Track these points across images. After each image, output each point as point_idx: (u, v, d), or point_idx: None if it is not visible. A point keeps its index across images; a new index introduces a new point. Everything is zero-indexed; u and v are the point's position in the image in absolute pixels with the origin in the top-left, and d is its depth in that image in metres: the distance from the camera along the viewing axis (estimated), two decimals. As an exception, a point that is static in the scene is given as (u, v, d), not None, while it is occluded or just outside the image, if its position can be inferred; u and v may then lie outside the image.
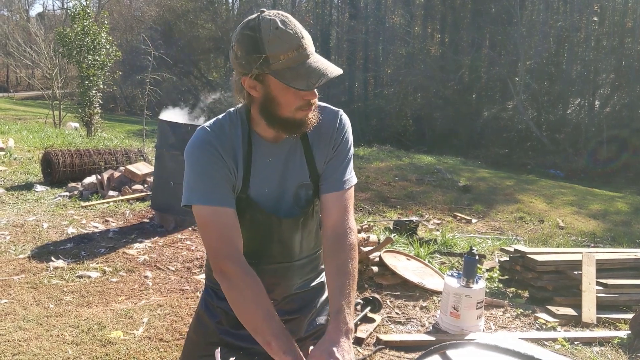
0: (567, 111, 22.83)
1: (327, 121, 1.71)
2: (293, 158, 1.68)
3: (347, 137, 1.76)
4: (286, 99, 1.51)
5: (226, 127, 1.63)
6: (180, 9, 32.62)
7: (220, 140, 1.60)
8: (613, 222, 9.80)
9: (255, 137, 1.64)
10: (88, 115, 14.33)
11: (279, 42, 1.44)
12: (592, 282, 4.78)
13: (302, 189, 1.70)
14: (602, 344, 4.19)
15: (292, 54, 1.45)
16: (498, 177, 13.82)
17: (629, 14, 22.93)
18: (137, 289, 4.79)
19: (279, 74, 1.46)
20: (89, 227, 6.38)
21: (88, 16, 14.18)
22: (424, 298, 4.93)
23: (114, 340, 3.84)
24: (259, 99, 1.55)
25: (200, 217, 1.58)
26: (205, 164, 1.57)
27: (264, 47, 1.44)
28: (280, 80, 1.46)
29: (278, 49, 1.44)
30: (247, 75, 1.50)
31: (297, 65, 1.46)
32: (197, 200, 1.57)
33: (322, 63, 1.49)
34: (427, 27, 29.72)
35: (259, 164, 1.64)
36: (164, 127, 6.40)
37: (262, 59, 1.45)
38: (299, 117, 1.55)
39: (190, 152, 1.60)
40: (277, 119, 1.56)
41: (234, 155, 1.61)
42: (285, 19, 1.48)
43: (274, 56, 1.44)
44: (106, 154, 8.52)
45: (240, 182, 1.62)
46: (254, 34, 1.45)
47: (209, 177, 1.57)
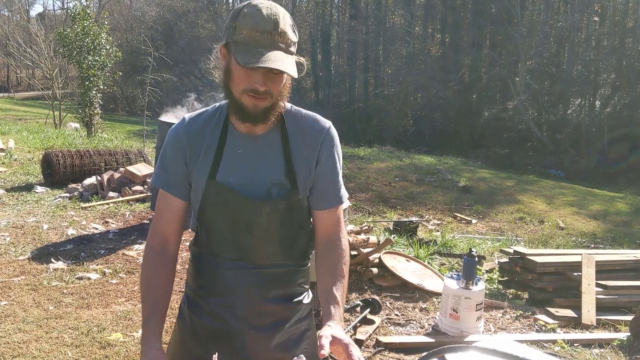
0: (567, 111, 22.81)
1: (314, 129, 1.73)
2: (268, 155, 1.68)
3: (338, 151, 1.77)
4: (237, 75, 1.54)
5: (204, 116, 1.72)
6: (181, 9, 32.63)
7: (189, 129, 1.69)
8: (613, 223, 9.80)
9: (230, 127, 1.68)
10: (88, 115, 14.33)
11: (250, 18, 1.49)
12: (591, 284, 4.78)
13: (275, 187, 1.68)
14: (601, 345, 4.19)
15: (254, 34, 1.49)
16: (498, 177, 13.81)
17: (629, 14, 22.92)
18: (137, 291, 4.78)
19: (235, 45, 1.51)
20: (89, 229, 6.38)
21: (88, 17, 14.17)
22: (424, 299, 4.93)
23: (114, 342, 3.84)
24: (223, 70, 1.59)
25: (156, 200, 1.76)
26: (167, 150, 1.71)
27: (238, 18, 1.51)
28: (231, 49, 1.52)
29: (245, 24, 1.49)
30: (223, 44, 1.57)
31: (252, 45, 1.49)
32: (153, 181, 1.74)
33: (276, 55, 1.49)
34: (428, 27, 29.71)
35: (229, 153, 1.66)
36: (164, 128, 6.39)
37: (231, 27, 1.52)
38: (245, 102, 1.56)
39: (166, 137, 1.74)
40: (230, 96, 1.59)
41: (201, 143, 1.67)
42: (274, 8, 1.53)
43: (240, 28, 1.50)
44: (106, 155, 8.52)
45: (207, 169, 1.65)
46: (240, 8, 1.54)
47: (165, 163, 1.70)
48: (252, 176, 1.66)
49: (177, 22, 32.06)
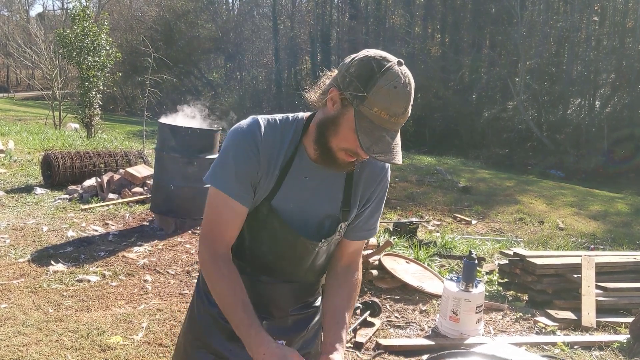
0: (567, 111, 22.80)
1: (375, 168, 1.73)
2: (330, 186, 1.67)
3: (385, 191, 1.80)
4: (345, 135, 1.49)
5: (279, 127, 1.64)
6: (181, 9, 32.61)
7: (266, 138, 1.61)
8: (613, 223, 9.81)
9: (301, 150, 1.64)
10: (88, 116, 14.31)
11: (385, 98, 1.42)
12: (591, 286, 4.78)
13: (328, 219, 1.69)
14: (601, 348, 4.19)
15: (384, 116, 1.43)
16: (498, 177, 13.82)
17: (629, 14, 22.91)
18: (137, 293, 4.79)
19: (361, 117, 1.44)
20: (88, 230, 6.38)
21: (88, 17, 14.16)
22: (424, 302, 4.93)
23: (114, 345, 3.84)
24: (327, 115, 1.54)
25: (212, 198, 1.63)
26: (239, 153, 1.60)
27: (371, 89, 1.43)
28: (357, 121, 1.45)
29: (379, 102, 1.42)
30: (339, 91, 1.49)
31: (377, 126, 1.44)
32: (217, 184, 1.61)
33: (395, 144, 1.48)
34: (428, 28, 29.71)
35: (294, 178, 1.63)
36: (164, 129, 6.40)
37: (361, 94, 1.44)
38: (340, 157, 1.56)
39: (233, 135, 1.63)
40: (324, 143, 1.55)
41: (273, 158, 1.61)
42: (407, 86, 1.46)
43: (371, 103, 1.43)
44: (106, 156, 8.52)
45: (268, 188, 1.62)
46: (376, 72, 1.44)
47: (236, 168, 1.59)
48: (311, 205, 1.66)
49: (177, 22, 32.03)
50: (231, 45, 31.33)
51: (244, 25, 32.33)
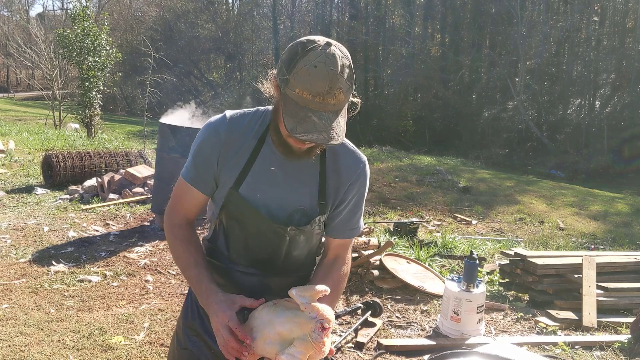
0: (567, 111, 22.81)
1: (349, 164, 1.74)
2: (301, 179, 1.69)
3: (366, 188, 1.81)
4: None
5: (245, 120, 1.69)
6: (181, 9, 32.62)
7: (230, 130, 1.67)
8: (614, 223, 9.80)
9: (268, 141, 1.67)
10: (88, 116, 14.30)
11: (305, 78, 1.41)
12: (592, 286, 4.79)
13: (297, 212, 1.70)
14: (602, 348, 4.20)
15: (306, 96, 1.42)
16: (498, 178, 13.82)
17: (629, 14, 22.92)
18: (138, 294, 4.79)
19: (286, 100, 1.46)
20: (89, 231, 6.38)
21: (88, 17, 14.16)
22: (425, 302, 4.94)
23: (115, 345, 3.84)
24: (274, 104, 1.59)
25: (177, 183, 1.78)
26: (201, 146, 1.69)
27: (291, 71, 1.44)
28: (282, 104, 1.47)
29: (299, 82, 1.42)
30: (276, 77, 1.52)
31: (302, 107, 1.43)
32: (182, 171, 1.75)
33: (325, 124, 1.44)
34: (428, 28, 29.70)
35: (261, 168, 1.66)
36: (165, 130, 6.40)
37: (284, 78, 1.46)
38: (293, 144, 1.57)
39: (201, 130, 1.73)
40: (277, 130, 1.59)
41: (236, 147, 1.66)
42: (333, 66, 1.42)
43: (293, 84, 1.43)
44: (107, 157, 8.52)
45: (234, 176, 1.66)
46: (299, 53, 1.44)
47: (196, 159, 1.70)
48: (279, 197, 1.68)
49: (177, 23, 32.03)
50: (231, 46, 31.32)
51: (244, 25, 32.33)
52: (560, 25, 22.09)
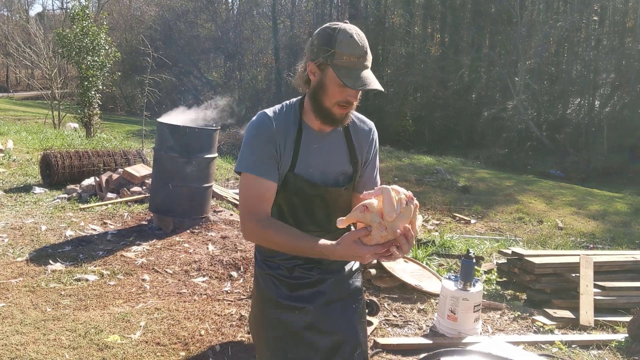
0: (567, 111, 22.79)
1: (365, 128, 2.16)
2: (336, 149, 2.07)
3: (377, 147, 2.24)
4: (332, 91, 1.88)
5: (282, 112, 2.02)
6: (180, 9, 32.60)
7: (275, 123, 1.97)
8: (612, 223, 9.81)
9: (304, 125, 2.02)
10: (87, 116, 14.30)
11: (347, 46, 1.82)
12: (589, 285, 4.78)
13: (341, 175, 2.07)
14: (599, 347, 4.19)
15: (353, 59, 1.83)
16: (498, 177, 13.82)
17: (629, 13, 22.90)
18: (135, 292, 4.78)
19: (337, 68, 1.83)
20: (87, 230, 6.38)
21: (87, 17, 14.16)
22: (422, 301, 4.93)
23: (111, 344, 3.84)
24: (313, 85, 1.93)
25: (243, 181, 1.97)
26: (258, 141, 1.95)
27: (335, 45, 1.82)
28: (336, 73, 1.83)
29: (345, 50, 1.82)
30: (313, 61, 1.89)
31: (352, 69, 1.83)
32: (244, 168, 1.95)
33: (371, 77, 1.85)
34: (427, 27, 29.69)
35: (306, 149, 2.00)
36: (163, 129, 6.39)
37: (329, 52, 1.83)
38: (336, 112, 1.92)
39: (248, 130, 1.98)
40: (320, 106, 1.93)
41: (284, 137, 1.97)
42: (360, 34, 1.86)
43: (340, 54, 1.82)
44: (105, 156, 8.51)
45: (288, 161, 1.98)
46: (332, 32, 1.85)
47: (258, 152, 1.94)
48: (324, 167, 2.04)
49: (177, 22, 32.00)
50: (231, 45, 31.28)
51: (244, 24, 32.29)
52: (560, 24, 22.07)
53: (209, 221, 6.68)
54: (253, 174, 1.93)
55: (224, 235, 6.33)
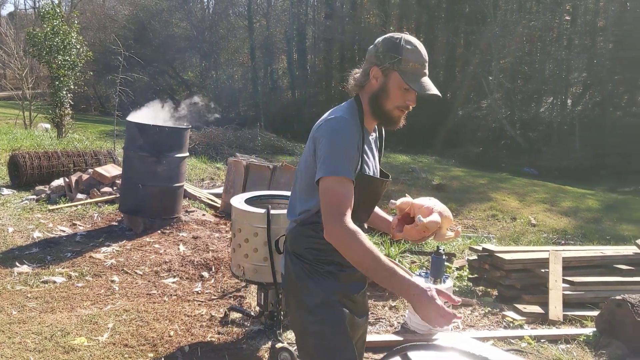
0: (540, 110, 23.07)
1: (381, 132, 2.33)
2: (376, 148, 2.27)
3: None
4: (395, 95, 2.05)
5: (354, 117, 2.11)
6: (155, 8, 32.23)
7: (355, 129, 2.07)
8: (584, 219, 9.94)
9: (364, 127, 2.14)
10: (59, 116, 14.08)
11: (413, 54, 2.02)
12: (558, 280, 4.83)
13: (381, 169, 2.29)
14: (568, 341, 4.23)
15: (417, 66, 2.02)
16: (472, 175, 13.93)
17: (600, 13, 23.26)
18: (103, 294, 4.71)
19: (404, 74, 2.01)
20: (55, 231, 6.27)
21: (58, 16, 13.93)
22: (394, 298, 4.94)
23: (78, 346, 3.77)
24: (374, 88, 2.09)
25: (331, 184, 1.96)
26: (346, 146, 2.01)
27: (402, 52, 2.01)
28: (403, 78, 2.01)
29: (411, 57, 2.01)
30: (378, 66, 2.05)
31: (417, 75, 2.03)
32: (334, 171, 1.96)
33: (431, 83, 2.06)
34: (403, 27, 29.79)
35: (366, 151, 2.14)
36: (132, 128, 6.30)
37: (396, 59, 2.01)
38: (395, 115, 2.10)
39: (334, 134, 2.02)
40: (380, 109, 2.09)
41: (358, 138, 2.08)
42: (421, 45, 2.06)
43: (406, 60, 2.01)
44: (75, 156, 8.38)
45: (358, 163, 2.08)
46: (398, 41, 2.03)
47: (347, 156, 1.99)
48: (376, 163, 2.25)
49: (151, 21, 31.64)
50: (206, 44, 31.03)
51: (219, 24, 32.07)
52: (533, 24, 22.31)
53: (181, 221, 6.61)
54: (341, 175, 1.96)
55: (196, 235, 6.27)
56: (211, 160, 13.22)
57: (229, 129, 17.08)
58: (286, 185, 6.85)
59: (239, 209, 3.88)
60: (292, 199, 2.29)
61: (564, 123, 21.04)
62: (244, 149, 14.97)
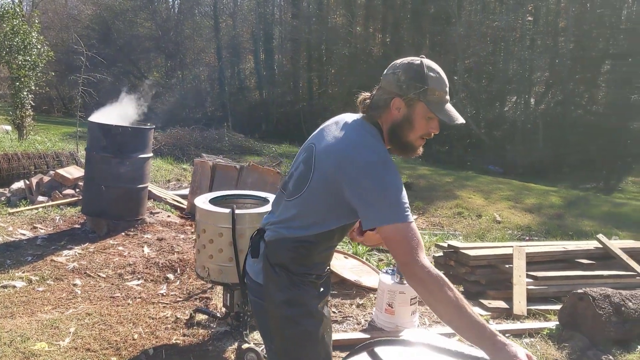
0: (504, 109, 23.41)
1: None
2: None
3: None
4: (420, 125, 1.96)
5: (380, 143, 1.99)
6: (119, 8, 31.72)
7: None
8: (547, 216, 10.10)
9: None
10: (19, 117, 13.74)
11: (438, 82, 1.93)
12: (522, 275, 4.90)
13: None
14: (532, 335, 4.30)
15: (442, 95, 1.95)
16: (438, 174, 14.05)
17: (561, 14, 23.70)
18: (65, 298, 4.61)
19: (431, 104, 1.92)
20: (15, 235, 6.11)
21: (18, 15, 13.60)
22: (361, 296, 4.95)
23: (38, 352, 3.68)
24: (396, 119, 1.98)
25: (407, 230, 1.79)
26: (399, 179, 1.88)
27: (427, 81, 1.91)
28: (431, 109, 1.92)
29: (437, 87, 1.92)
30: (401, 97, 1.94)
31: (443, 104, 1.95)
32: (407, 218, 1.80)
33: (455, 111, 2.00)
34: (369, 28, 29.93)
35: None
36: (94, 129, 6.18)
37: (422, 89, 1.91)
38: (417, 144, 2.03)
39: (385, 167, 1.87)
40: (403, 139, 2.00)
41: None
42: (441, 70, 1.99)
43: (432, 90, 1.92)
44: (36, 158, 8.19)
45: None
46: (420, 69, 1.93)
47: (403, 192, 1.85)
48: None
49: (115, 21, 31.14)
50: (171, 44, 30.66)
51: (185, 23, 31.73)
52: (496, 24, 22.62)
53: (145, 223, 6.51)
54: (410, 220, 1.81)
55: (161, 237, 6.18)
56: (177, 161, 13.07)
57: (196, 129, 16.91)
58: (253, 186, 6.80)
59: (203, 209, 3.84)
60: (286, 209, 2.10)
61: (527, 122, 21.39)
62: (211, 149, 14.83)
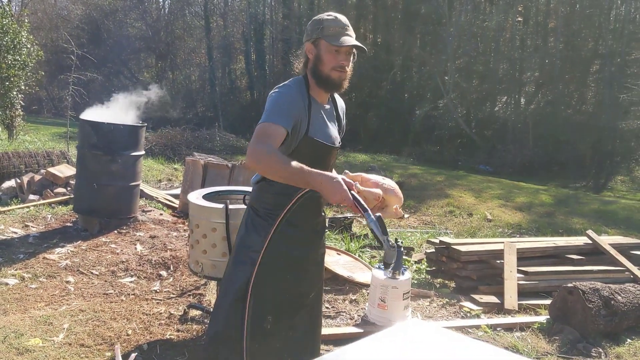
0: (494, 109, 23.52)
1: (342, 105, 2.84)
2: (331, 118, 2.65)
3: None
4: (327, 58, 2.42)
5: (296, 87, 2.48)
6: (109, 8, 31.60)
7: (298, 93, 2.46)
8: (537, 214, 10.18)
9: (312, 98, 2.51)
10: (9, 117, 13.67)
11: (332, 21, 2.45)
12: (513, 270, 4.95)
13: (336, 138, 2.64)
14: (523, 329, 4.35)
15: (338, 29, 2.44)
16: (429, 173, 14.11)
17: (551, 14, 23.84)
18: (58, 295, 4.60)
19: (327, 37, 2.41)
20: (7, 233, 6.09)
21: (7, 14, 13.51)
22: (354, 291, 4.98)
23: (32, 347, 3.68)
24: (311, 61, 2.47)
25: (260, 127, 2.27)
26: (287, 99, 2.39)
27: (323, 22, 2.45)
28: (326, 39, 2.41)
29: (330, 24, 2.44)
30: (309, 40, 2.47)
31: (338, 35, 2.42)
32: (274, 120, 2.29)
33: (353, 39, 2.44)
34: (360, 28, 29.98)
35: (315, 117, 2.50)
36: (85, 126, 6.17)
37: (320, 28, 2.43)
38: (334, 76, 2.45)
39: (276, 94, 2.40)
40: (321, 75, 2.45)
41: (303, 104, 2.43)
42: (339, 14, 2.50)
43: (327, 27, 2.43)
44: (27, 157, 8.14)
45: (305, 126, 2.43)
46: (319, 17, 2.48)
47: (278, 108, 2.34)
48: (328, 133, 2.57)
49: (105, 21, 31.01)
50: (162, 45, 30.55)
51: (175, 24, 31.65)
52: (487, 25, 22.73)
53: (137, 221, 6.51)
54: (270, 121, 2.28)
55: (153, 234, 6.18)
56: (168, 162, 13.05)
57: (187, 129, 16.89)
58: (245, 184, 6.81)
59: (196, 205, 3.85)
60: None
61: (517, 121, 21.50)
62: (203, 149, 14.80)
